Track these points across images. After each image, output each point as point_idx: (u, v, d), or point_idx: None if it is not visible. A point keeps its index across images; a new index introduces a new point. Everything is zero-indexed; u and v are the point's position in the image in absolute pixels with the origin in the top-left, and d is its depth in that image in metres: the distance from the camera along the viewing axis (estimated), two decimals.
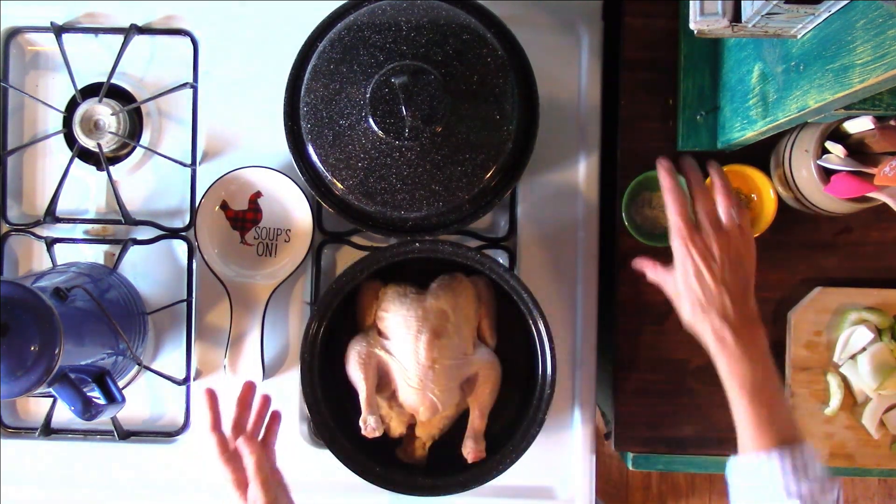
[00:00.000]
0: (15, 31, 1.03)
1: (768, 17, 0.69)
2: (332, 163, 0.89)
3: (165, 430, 1.02)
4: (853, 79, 0.65)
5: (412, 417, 0.91)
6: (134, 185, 1.03)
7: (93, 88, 1.02)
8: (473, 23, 0.89)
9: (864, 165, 0.85)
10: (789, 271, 1.02)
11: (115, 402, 0.89)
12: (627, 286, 1.02)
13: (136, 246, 1.01)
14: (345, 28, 0.89)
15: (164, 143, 1.03)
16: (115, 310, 0.92)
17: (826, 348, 1.00)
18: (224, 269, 0.98)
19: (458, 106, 0.87)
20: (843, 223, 1.02)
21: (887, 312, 0.98)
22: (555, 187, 1.01)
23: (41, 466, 1.01)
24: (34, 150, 1.04)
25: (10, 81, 1.02)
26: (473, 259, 0.89)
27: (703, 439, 1.02)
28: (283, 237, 0.99)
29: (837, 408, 0.98)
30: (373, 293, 0.93)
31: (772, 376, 0.79)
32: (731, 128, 0.93)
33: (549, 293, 0.98)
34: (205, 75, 1.02)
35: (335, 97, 0.88)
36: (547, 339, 0.88)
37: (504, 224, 1.02)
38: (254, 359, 0.98)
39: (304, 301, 1.01)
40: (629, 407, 1.03)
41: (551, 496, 1.00)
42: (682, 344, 1.02)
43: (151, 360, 1.02)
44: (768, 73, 0.82)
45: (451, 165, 0.88)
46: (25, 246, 1.04)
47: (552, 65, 1.00)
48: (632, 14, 1.02)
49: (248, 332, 0.98)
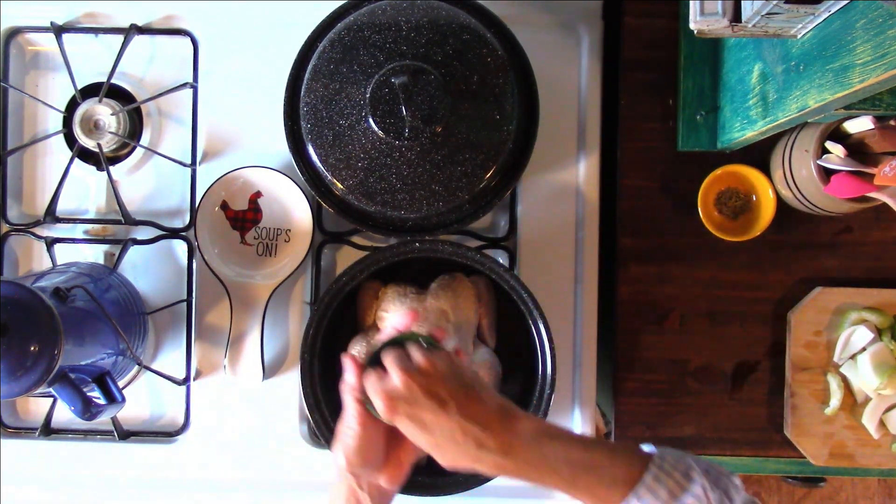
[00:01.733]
0: (15, 31, 1.03)
1: (768, 17, 0.69)
2: (332, 163, 0.89)
3: (165, 430, 1.02)
4: (853, 79, 0.65)
5: None
6: (134, 185, 1.03)
7: (93, 88, 1.02)
8: (473, 23, 0.89)
9: (864, 165, 0.85)
10: (789, 271, 1.02)
11: (115, 402, 0.89)
12: (627, 286, 1.02)
13: (136, 246, 1.01)
14: (345, 28, 0.89)
15: (164, 143, 1.03)
16: (115, 310, 0.92)
17: (826, 348, 1.00)
18: (224, 269, 0.98)
19: (458, 106, 0.87)
20: (843, 223, 1.02)
21: (887, 312, 0.98)
22: (555, 187, 1.01)
23: (41, 466, 1.01)
24: (34, 150, 1.04)
25: (10, 81, 1.02)
26: (473, 259, 0.89)
27: (703, 439, 1.02)
28: (283, 237, 0.99)
29: (837, 408, 0.98)
30: (373, 293, 0.93)
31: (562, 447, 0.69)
32: (731, 128, 0.93)
33: (549, 293, 0.98)
34: (205, 75, 1.02)
35: (335, 97, 0.88)
36: (547, 339, 0.88)
37: (504, 224, 1.02)
38: (254, 359, 0.98)
39: (304, 301, 1.01)
40: (629, 407, 1.03)
41: (551, 496, 1.00)
42: (682, 344, 1.02)
43: (151, 360, 1.02)
44: (768, 73, 0.82)
45: (451, 165, 0.88)
46: (25, 246, 1.04)
47: (552, 65, 1.00)
48: (632, 14, 1.02)
49: (248, 332, 0.98)
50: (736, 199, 1.00)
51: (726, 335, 1.02)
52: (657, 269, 1.02)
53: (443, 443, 0.69)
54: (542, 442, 0.69)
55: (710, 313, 1.02)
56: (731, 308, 1.02)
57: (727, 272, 1.02)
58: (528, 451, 0.69)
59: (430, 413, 0.69)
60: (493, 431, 0.68)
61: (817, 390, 1.00)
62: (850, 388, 0.99)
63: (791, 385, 0.99)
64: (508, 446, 0.68)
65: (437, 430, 0.69)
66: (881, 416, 0.98)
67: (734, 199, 1.00)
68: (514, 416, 0.70)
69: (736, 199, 1.00)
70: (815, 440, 0.99)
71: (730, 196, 1.00)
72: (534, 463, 0.68)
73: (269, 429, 1.00)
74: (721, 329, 1.02)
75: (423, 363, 0.71)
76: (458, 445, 0.68)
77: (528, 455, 0.68)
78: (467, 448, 0.68)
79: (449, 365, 0.72)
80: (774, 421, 1.02)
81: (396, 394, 0.70)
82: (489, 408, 0.70)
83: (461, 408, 0.69)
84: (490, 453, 0.68)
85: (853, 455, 0.99)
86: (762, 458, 1.04)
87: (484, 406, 0.70)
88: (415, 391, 0.70)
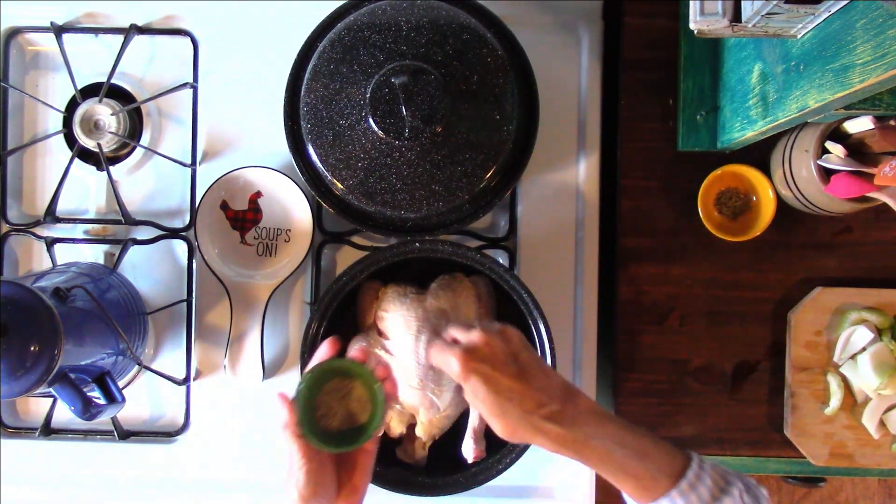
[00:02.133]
0: (15, 31, 1.03)
1: (768, 17, 0.69)
2: (332, 163, 0.89)
3: (165, 430, 1.02)
4: (853, 79, 0.65)
5: (412, 417, 0.91)
6: (134, 185, 1.03)
7: (93, 88, 1.02)
8: (473, 23, 0.89)
9: (864, 165, 0.85)
10: (789, 271, 1.02)
11: (115, 402, 0.89)
12: (627, 286, 1.02)
13: (136, 246, 1.01)
14: (345, 28, 0.89)
15: (164, 143, 1.03)
16: (115, 310, 0.92)
17: (826, 348, 1.00)
18: (224, 269, 0.98)
19: (458, 106, 0.87)
20: (843, 223, 1.02)
21: (887, 312, 0.98)
22: (555, 187, 1.01)
23: (41, 466, 1.01)
24: (34, 150, 1.04)
25: (10, 81, 1.02)
26: (473, 259, 0.89)
27: (703, 439, 1.02)
28: (283, 237, 0.99)
29: (837, 408, 0.98)
30: (373, 293, 0.93)
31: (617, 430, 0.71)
32: (731, 128, 0.93)
33: (549, 293, 0.98)
34: (205, 75, 1.02)
35: (335, 97, 0.88)
36: (547, 339, 0.88)
37: (504, 224, 1.02)
38: (254, 359, 0.98)
39: (304, 301, 1.01)
40: (629, 407, 1.03)
41: (551, 496, 1.00)
42: (682, 344, 1.02)
43: (151, 360, 1.02)
44: (768, 73, 0.82)
45: (451, 165, 0.88)
46: (25, 246, 1.04)
47: (552, 65, 1.00)
48: (632, 14, 1.02)
49: (248, 332, 0.98)
50: (736, 199, 1.00)
51: (726, 335, 1.02)
52: (657, 269, 1.02)
53: (510, 409, 0.70)
54: (602, 421, 0.71)
55: (710, 313, 1.02)
56: (731, 308, 1.02)
57: (727, 272, 1.02)
58: (589, 427, 0.70)
59: (507, 378, 0.70)
60: (561, 403, 0.71)
61: (817, 390, 1.00)
62: (850, 388, 0.99)
63: (791, 385, 0.99)
64: (572, 420, 0.70)
65: (508, 395, 0.70)
66: (881, 416, 0.98)
67: (734, 199, 1.00)
68: (577, 393, 0.73)
69: (736, 199, 1.00)
70: (815, 440, 0.99)
71: (730, 196, 1.00)
72: (591, 440, 0.70)
73: (269, 429, 1.00)
74: (721, 329, 1.02)
75: (504, 331, 0.73)
76: (525, 413, 0.70)
77: (588, 430, 0.70)
78: (532, 417, 0.70)
79: (521, 338, 0.74)
80: (774, 421, 1.02)
81: (476, 353, 0.71)
82: (556, 382, 0.73)
83: (534, 378, 0.71)
84: (554, 425, 0.70)
85: (853, 455, 0.99)
86: (762, 458, 1.04)
87: (552, 380, 0.72)
88: (497, 352, 0.71)
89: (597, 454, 0.70)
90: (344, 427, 0.76)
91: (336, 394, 0.77)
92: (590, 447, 0.70)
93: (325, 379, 0.76)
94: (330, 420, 0.76)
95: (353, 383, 0.76)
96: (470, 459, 0.89)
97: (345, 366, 0.76)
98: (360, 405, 0.76)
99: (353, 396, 0.76)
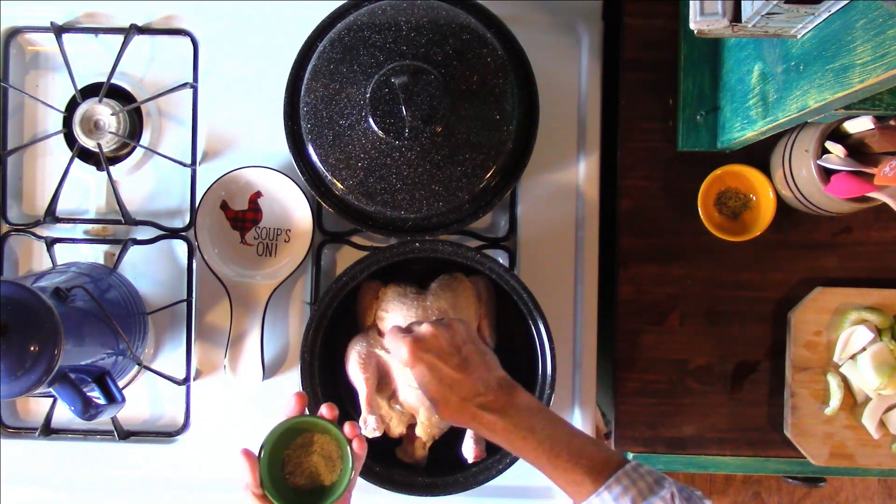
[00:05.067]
0: (15, 31, 1.03)
1: (768, 17, 0.69)
2: (332, 163, 0.89)
3: (165, 430, 1.02)
4: (853, 79, 0.65)
5: (412, 417, 0.91)
6: (134, 185, 1.03)
7: (93, 88, 1.02)
8: (473, 23, 0.89)
9: (864, 165, 0.85)
10: (789, 271, 1.02)
11: (115, 402, 0.89)
12: (627, 286, 1.02)
13: (136, 246, 1.01)
14: (345, 28, 0.89)
15: (164, 143, 1.03)
16: (115, 310, 0.92)
17: (826, 348, 1.00)
18: (224, 269, 0.98)
19: (458, 106, 0.87)
20: (843, 223, 1.02)
21: (887, 312, 0.98)
22: (555, 187, 1.01)
23: (41, 466, 1.01)
24: (34, 150, 1.04)
25: (10, 81, 1.02)
26: (473, 259, 0.89)
27: (703, 439, 1.02)
28: (283, 237, 0.99)
29: (837, 408, 0.98)
30: (373, 293, 0.93)
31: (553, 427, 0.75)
32: (731, 128, 0.93)
33: (549, 293, 0.98)
34: (205, 75, 1.02)
35: (335, 97, 0.88)
36: (547, 339, 0.88)
37: (504, 224, 1.02)
38: (254, 359, 0.98)
39: (304, 301, 1.01)
40: (629, 407, 1.03)
41: (551, 496, 1.00)
42: (682, 344, 1.02)
43: (151, 360, 1.02)
44: (768, 73, 0.82)
45: (451, 165, 0.88)
46: (25, 246, 1.04)
47: (552, 65, 1.00)
48: (632, 14, 1.02)
49: (248, 332, 0.98)
50: (736, 199, 1.00)
51: (726, 335, 1.02)
52: (657, 269, 1.02)
53: (450, 396, 0.76)
54: (535, 415, 0.76)
55: (710, 313, 1.02)
56: (731, 308, 1.02)
57: (727, 272, 1.02)
58: (521, 418, 0.75)
59: (449, 367, 0.76)
60: (496, 394, 0.76)
61: (817, 390, 1.00)
62: (850, 388, 0.99)
63: (791, 385, 0.99)
64: (505, 410, 0.75)
65: (449, 383, 0.76)
66: (881, 416, 0.98)
67: (734, 199, 1.00)
68: (515, 387, 0.78)
69: (736, 199, 1.00)
70: (815, 440, 0.99)
71: (730, 196, 1.00)
72: (523, 430, 0.75)
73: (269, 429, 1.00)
74: (721, 329, 1.02)
75: (451, 325, 0.79)
76: (464, 401, 0.75)
77: (521, 422, 0.75)
78: (468, 405, 0.75)
79: (468, 331, 0.81)
80: (774, 421, 1.02)
81: (424, 343, 0.77)
82: (496, 375, 0.78)
83: (475, 369, 0.77)
84: (489, 413, 0.75)
85: (853, 455, 0.99)
86: (762, 458, 1.04)
87: (492, 373, 0.78)
88: (442, 344, 0.77)
89: (529, 446, 0.74)
90: (312, 485, 0.76)
91: (304, 449, 0.77)
92: (522, 438, 0.75)
93: (293, 435, 0.77)
94: (297, 478, 0.77)
95: (323, 439, 0.77)
96: (470, 459, 0.89)
97: (312, 423, 0.77)
98: (328, 464, 0.77)
99: (323, 453, 0.77)
